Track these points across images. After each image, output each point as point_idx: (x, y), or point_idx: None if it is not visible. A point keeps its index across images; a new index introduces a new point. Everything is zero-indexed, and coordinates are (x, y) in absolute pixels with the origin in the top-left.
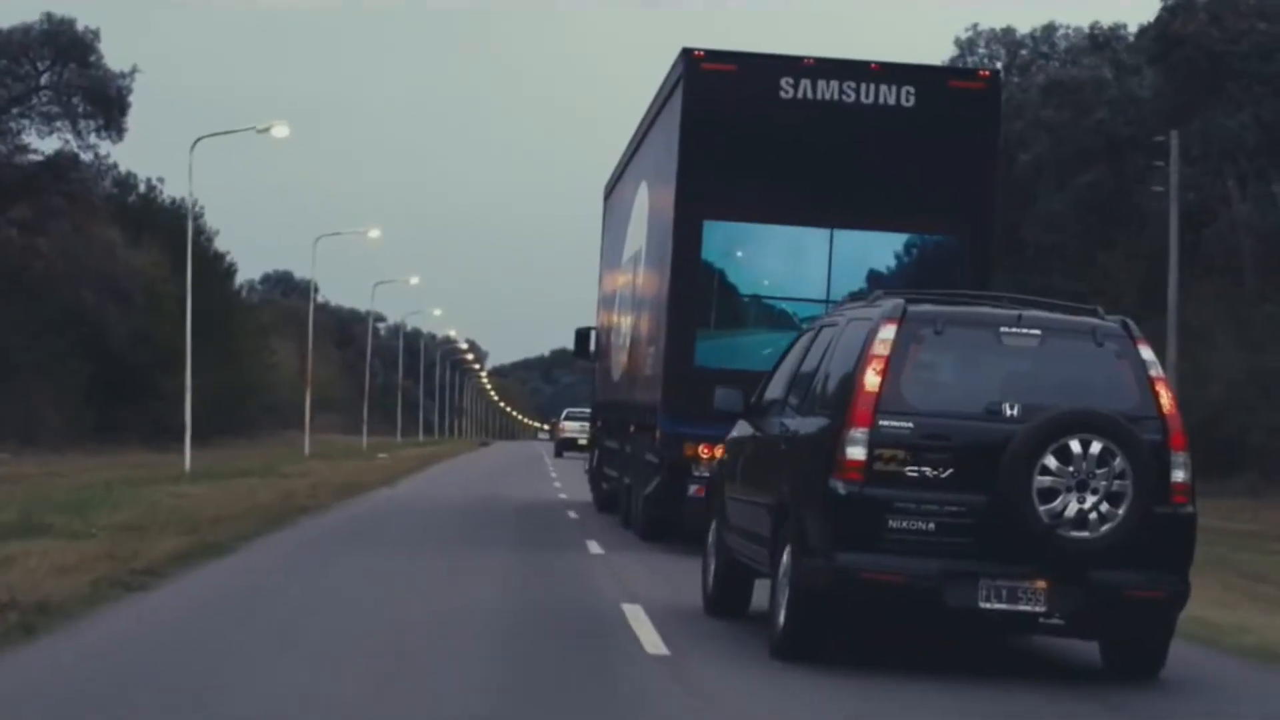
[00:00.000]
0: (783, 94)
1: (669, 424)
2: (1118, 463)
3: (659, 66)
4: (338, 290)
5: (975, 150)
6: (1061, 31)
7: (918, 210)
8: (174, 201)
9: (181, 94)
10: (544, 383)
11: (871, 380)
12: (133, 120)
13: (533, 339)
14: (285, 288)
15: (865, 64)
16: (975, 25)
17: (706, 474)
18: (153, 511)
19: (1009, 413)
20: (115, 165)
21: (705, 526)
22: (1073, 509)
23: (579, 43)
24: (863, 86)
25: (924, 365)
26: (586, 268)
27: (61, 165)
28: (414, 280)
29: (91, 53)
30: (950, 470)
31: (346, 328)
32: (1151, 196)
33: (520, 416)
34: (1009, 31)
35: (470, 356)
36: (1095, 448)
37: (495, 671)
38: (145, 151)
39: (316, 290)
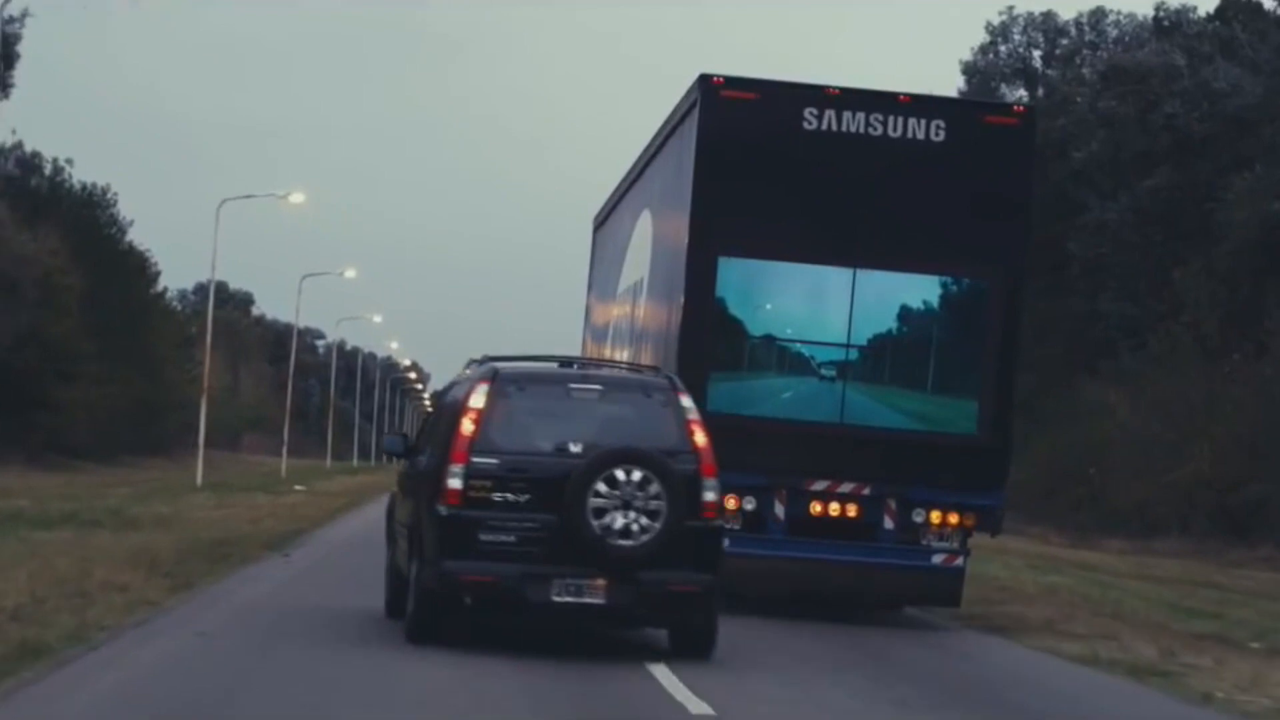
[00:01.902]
0: (806, 125)
1: None
2: (654, 487)
3: (617, 102)
4: (276, 303)
5: (1008, 188)
6: (1112, 17)
7: (947, 251)
8: (85, 187)
9: (130, 105)
10: None
11: (467, 427)
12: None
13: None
14: (219, 299)
15: (894, 95)
16: (1010, 8)
17: (725, 524)
18: None
19: (574, 450)
20: (20, 144)
21: (734, 586)
22: (619, 523)
23: (540, 78)
24: (891, 119)
25: (509, 415)
26: (542, 296)
27: None
28: (350, 272)
29: None
30: (528, 495)
31: (283, 343)
32: (1230, 205)
33: None
34: (1050, 16)
35: (413, 376)
36: (636, 475)
37: None
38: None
39: (220, 291)
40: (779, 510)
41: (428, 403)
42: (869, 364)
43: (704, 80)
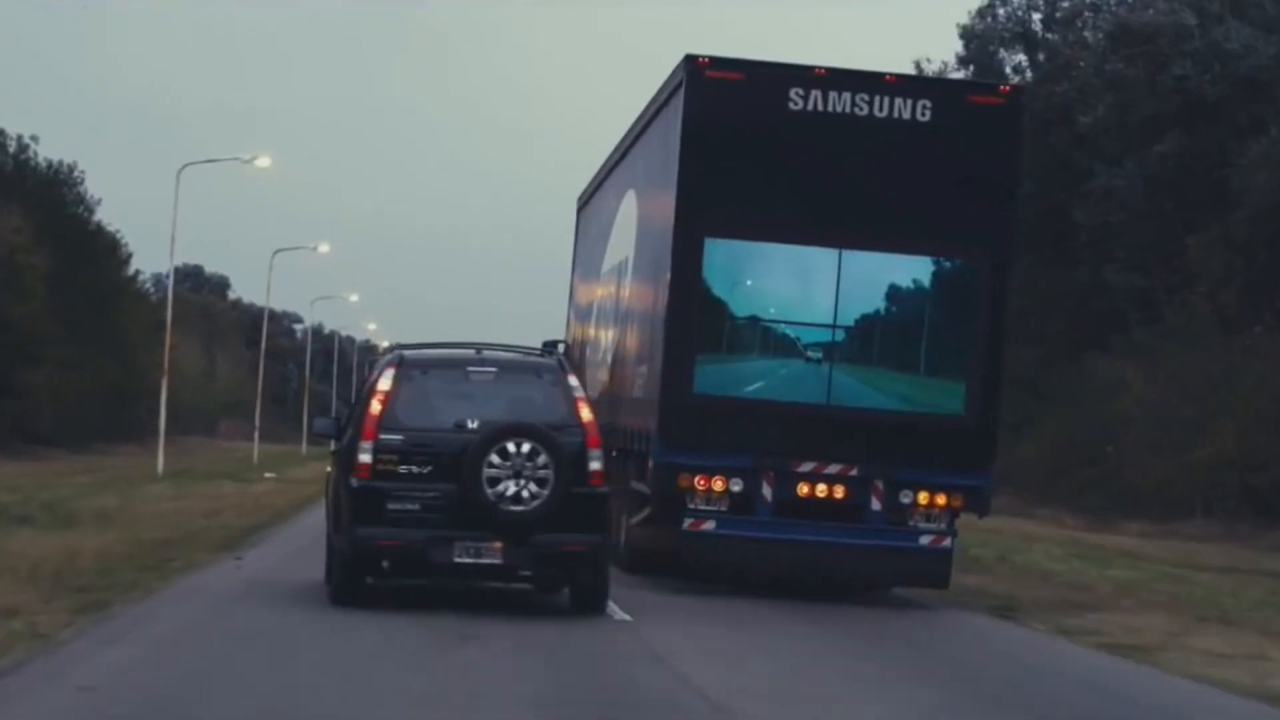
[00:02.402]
0: (791, 105)
1: (663, 453)
2: (542, 458)
3: (599, 84)
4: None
5: (995, 169)
6: None
7: (933, 231)
8: (51, 165)
9: (112, 92)
10: None
11: (375, 408)
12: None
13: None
14: (195, 282)
15: (880, 76)
16: None
17: (704, 506)
18: None
19: (470, 426)
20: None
21: (708, 563)
22: (511, 490)
23: (522, 61)
24: (877, 99)
25: (413, 396)
26: (524, 276)
27: None
28: (323, 247)
29: None
30: (430, 467)
31: (260, 326)
32: (1245, 171)
33: None
34: None
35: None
36: (525, 447)
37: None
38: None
39: (196, 275)
40: (766, 492)
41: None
42: (856, 345)
43: (689, 61)
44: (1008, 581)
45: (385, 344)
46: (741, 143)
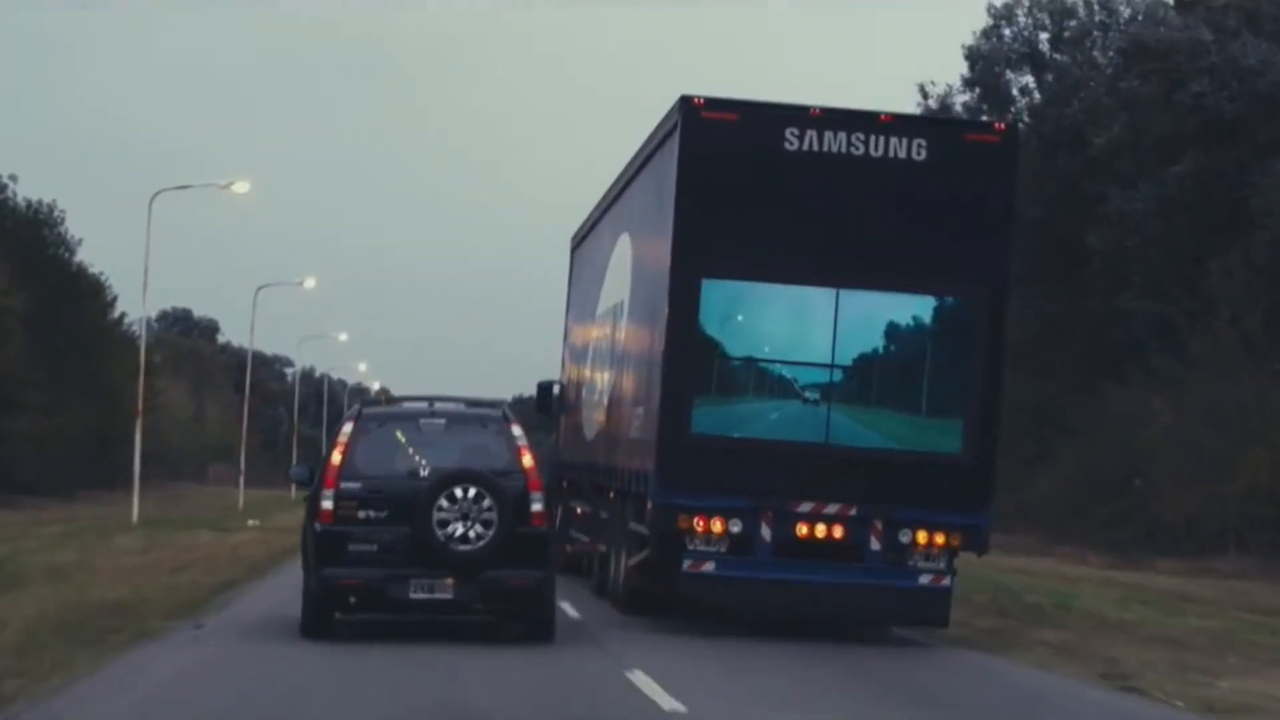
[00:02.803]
0: (787, 145)
1: (662, 494)
2: (487, 501)
3: (574, 127)
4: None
5: (990, 207)
6: None
7: (930, 270)
8: (30, 205)
9: (91, 132)
10: None
11: (336, 458)
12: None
13: (446, 389)
14: (184, 326)
15: (875, 115)
16: None
17: (703, 548)
18: None
19: (422, 473)
20: None
21: (708, 604)
22: (459, 531)
23: (502, 103)
24: (872, 138)
25: (370, 446)
26: (515, 317)
27: None
28: (309, 282)
29: None
30: (386, 512)
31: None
32: (1267, 191)
33: None
34: None
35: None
36: (472, 492)
37: None
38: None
39: (184, 319)
40: (765, 533)
41: None
42: (853, 384)
43: (684, 102)
44: (1089, 637)
45: (377, 385)
46: (737, 183)
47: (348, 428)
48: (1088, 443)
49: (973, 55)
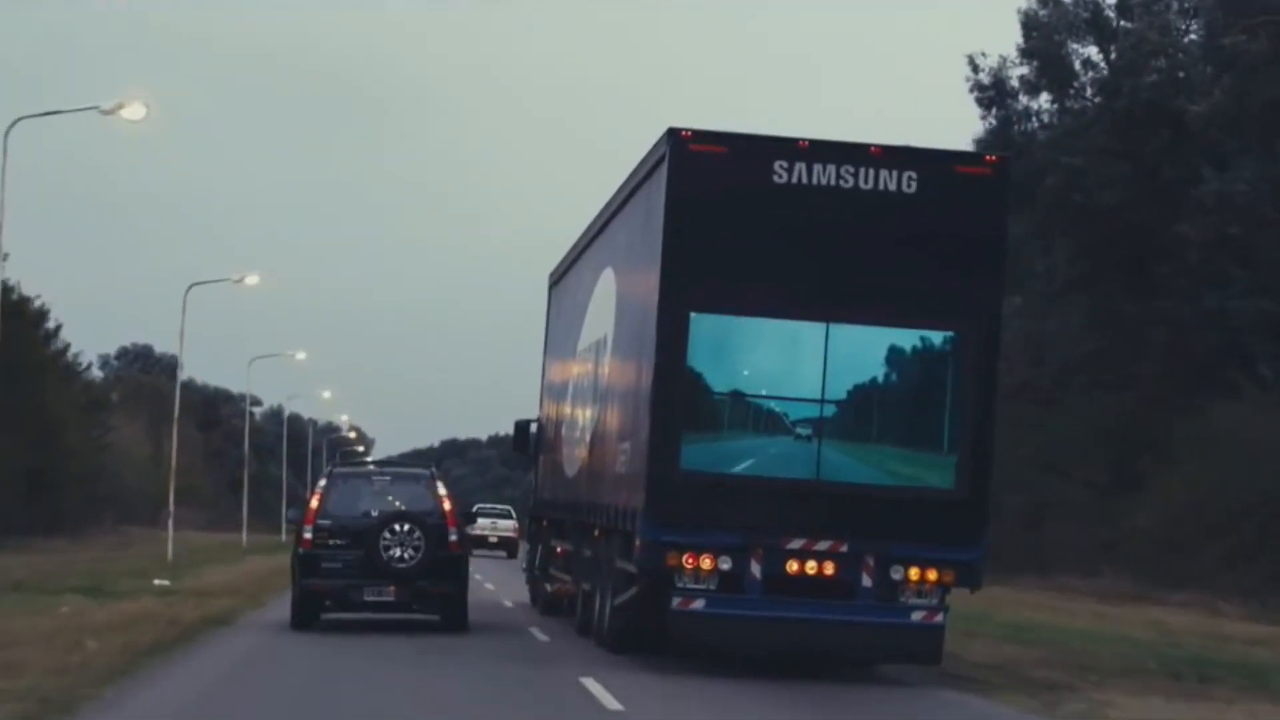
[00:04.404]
0: (776, 178)
1: (651, 531)
2: (417, 533)
3: (545, 170)
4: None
5: (982, 239)
6: None
7: (921, 303)
8: None
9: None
10: None
11: (314, 503)
12: None
13: (422, 430)
14: (145, 363)
15: (865, 147)
16: None
17: (692, 585)
18: None
19: (373, 514)
20: None
21: (698, 643)
22: (398, 553)
23: (466, 148)
24: (862, 171)
25: (338, 495)
26: (488, 363)
27: None
28: (300, 355)
29: None
30: (347, 540)
31: (213, 407)
32: None
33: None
34: None
35: (360, 449)
36: (406, 527)
37: None
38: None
39: (146, 355)
40: (755, 570)
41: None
42: (844, 419)
43: (672, 134)
44: None
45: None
46: (726, 216)
47: (323, 482)
48: (1194, 468)
49: (1030, 22)
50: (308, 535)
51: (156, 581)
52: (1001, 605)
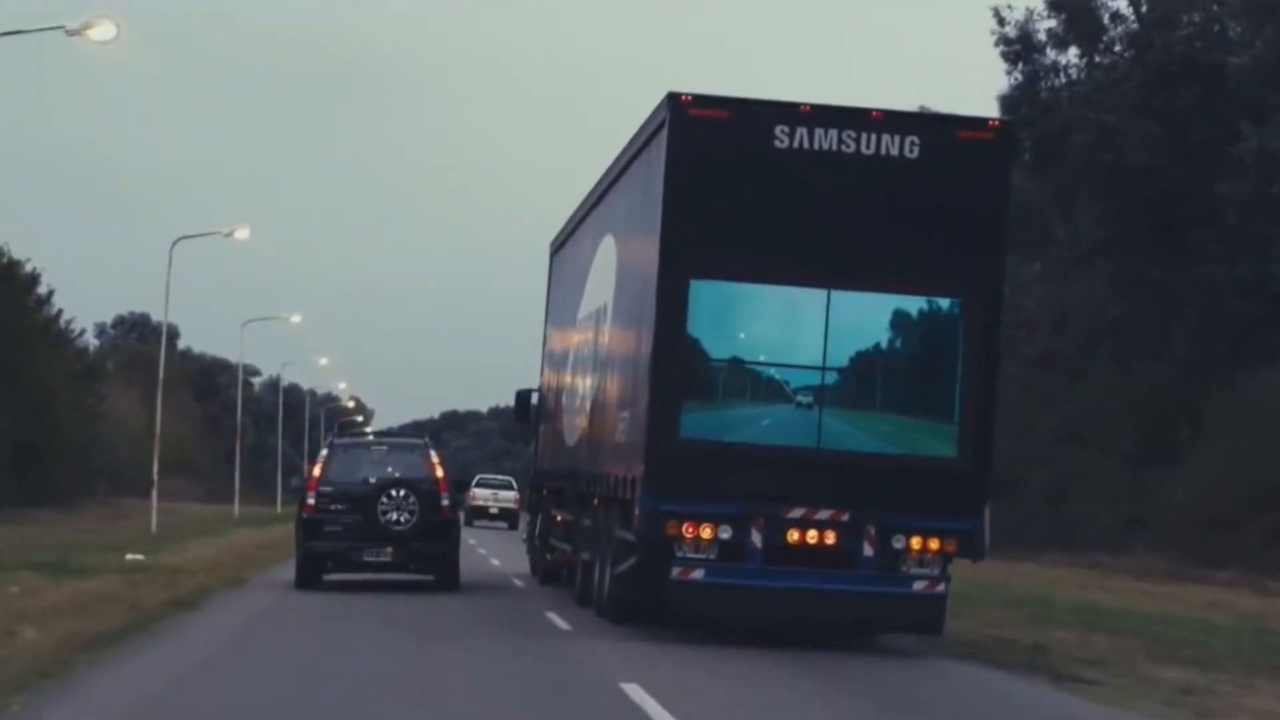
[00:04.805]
0: (777, 143)
1: (651, 500)
2: (412, 498)
3: (544, 145)
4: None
5: (985, 205)
6: None
7: (922, 270)
8: None
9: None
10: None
11: (316, 471)
12: None
13: (422, 402)
14: (142, 331)
15: (866, 112)
16: None
17: (692, 554)
18: None
19: (371, 481)
20: None
21: (698, 612)
22: (394, 517)
23: (471, 117)
24: (864, 136)
25: (339, 463)
26: (489, 333)
27: None
28: (295, 319)
29: None
30: (348, 505)
31: (210, 377)
32: None
33: None
34: None
35: (359, 418)
36: (402, 492)
37: None
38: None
39: (143, 324)
40: (756, 539)
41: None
42: (845, 387)
43: (672, 98)
44: None
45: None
46: (727, 182)
47: (325, 452)
48: (1233, 440)
49: None
50: (311, 501)
51: (129, 557)
52: (1048, 584)
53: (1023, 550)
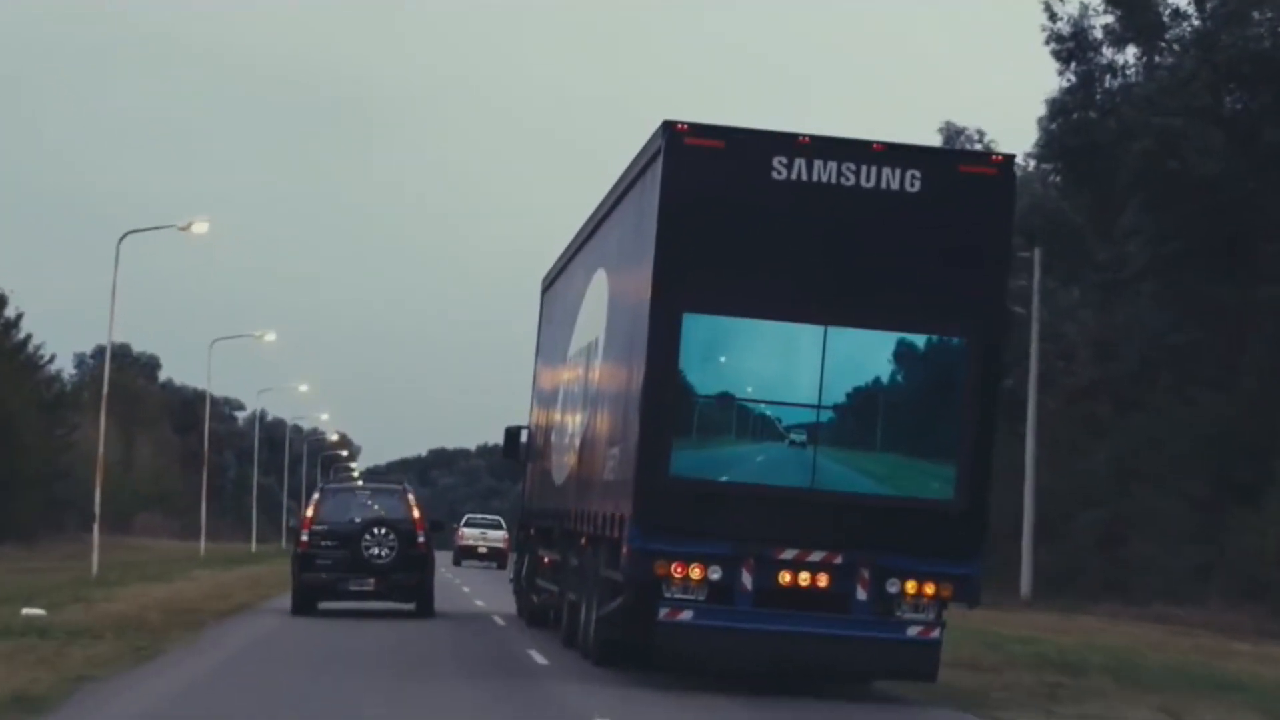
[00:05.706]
0: (775, 174)
1: (639, 538)
2: (391, 535)
3: (532, 179)
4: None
5: (985, 241)
6: None
7: (922, 307)
8: None
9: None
10: (420, 485)
11: (309, 512)
12: None
13: (410, 438)
14: (121, 362)
15: (867, 144)
16: None
17: (681, 595)
18: None
19: (357, 520)
20: None
21: (685, 655)
22: (376, 552)
23: (461, 151)
24: (864, 168)
25: (329, 505)
26: (479, 370)
27: None
28: (269, 337)
29: None
30: (336, 541)
31: (191, 409)
32: None
33: None
34: None
35: (344, 453)
36: (383, 530)
37: None
38: None
39: (123, 354)
40: (746, 580)
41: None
42: (841, 426)
43: (668, 127)
44: None
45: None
46: (722, 214)
47: (317, 495)
48: None
49: None
50: (304, 538)
51: (26, 611)
52: (1134, 645)
53: (1071, 599)
